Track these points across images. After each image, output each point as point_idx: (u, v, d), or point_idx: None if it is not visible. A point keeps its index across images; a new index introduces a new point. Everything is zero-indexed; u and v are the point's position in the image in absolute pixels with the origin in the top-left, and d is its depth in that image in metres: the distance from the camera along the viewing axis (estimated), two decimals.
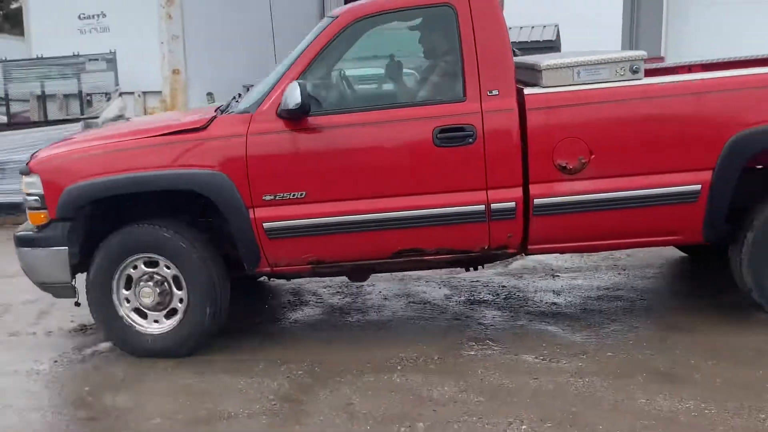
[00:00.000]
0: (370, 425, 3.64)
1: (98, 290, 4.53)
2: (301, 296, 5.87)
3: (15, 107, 11.56)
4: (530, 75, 4.54)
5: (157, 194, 4.50)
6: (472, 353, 4.44)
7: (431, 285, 5.98)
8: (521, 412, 3.67)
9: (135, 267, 4.52)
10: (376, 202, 4.35)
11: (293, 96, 4.15)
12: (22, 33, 15.97)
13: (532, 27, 26.09)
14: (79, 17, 11.97)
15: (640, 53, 4.43)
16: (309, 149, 4.35)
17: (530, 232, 4.38)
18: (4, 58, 11.82)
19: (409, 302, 5.57)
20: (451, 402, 3.82)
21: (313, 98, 4.31)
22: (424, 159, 4.32)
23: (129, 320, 4.56)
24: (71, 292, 4.63)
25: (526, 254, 4.70)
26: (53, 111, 11.32)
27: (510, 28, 4.40)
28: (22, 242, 4.66)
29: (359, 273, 4.87)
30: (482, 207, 4.31)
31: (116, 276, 4.53)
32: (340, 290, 5.96)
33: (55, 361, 4.72)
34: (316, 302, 5.72)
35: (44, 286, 4.71)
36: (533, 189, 4.31)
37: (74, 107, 11.35)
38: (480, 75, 4.31)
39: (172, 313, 4.53)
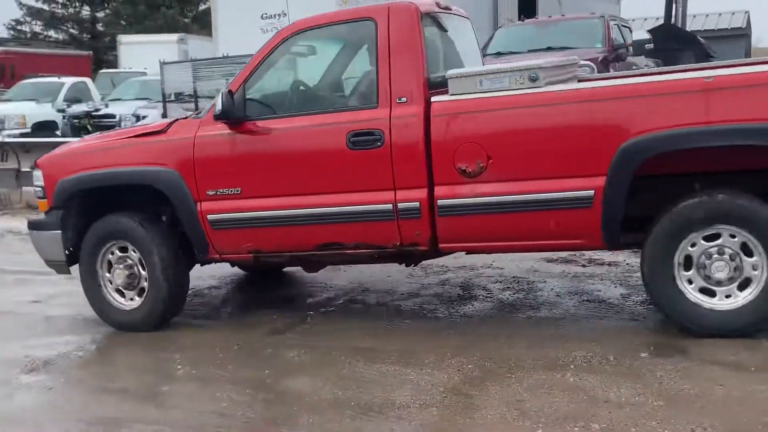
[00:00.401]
0: (542, 423, 3.56)
1: (86, 273, 5.31)
2: (470, 290, 5.86)
3: (203, 104, 12.47)
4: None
5: (131, 187, 5.23)
6: (650, 355, 4.25)
7: (606, 284, 5.79)
8: (704, 419, 3.46)
9: (112, 252, 5.24)
10: (300, 200, 4.83)
11: (218, 103, 4.74)
12: (209, 34, 17.24)
13: (720, 14, 24.62)
14: (262, 17, 12.60)
15: (567, 59, 4.86)
16: (243, 151, 4.93)
17: (438, 231, 4.62)
18: (193, 58, 12.67)
19: (583, 300, 5.43)
20: (628, 405, 3.67)
21: (254, 103, 4.91)
22: (340, 161, 4.72)
23: (111, 299, 5.30)
24: (66, 269, 5.44)
25: (439, 254, 4.92)
26: None
27: (694, 16, 4.39)
28: (31, 226, 5.57)
29: (304, 264, 5.36)
30: (390, 206, 4.64)
31: (98, 260, 5.26)
32: (510, 286, 5.90)
33: (238, 345, 4.97)
34: (486, 297, 5.69)
35: (48, 263, 5.51)
36: (437, 191, 4.57)
37: None
38: (391, 83, 4.63)
39: (142, 292, 5.21)
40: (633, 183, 4.26)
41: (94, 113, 16.76)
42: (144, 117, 15.10)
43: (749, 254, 4.19)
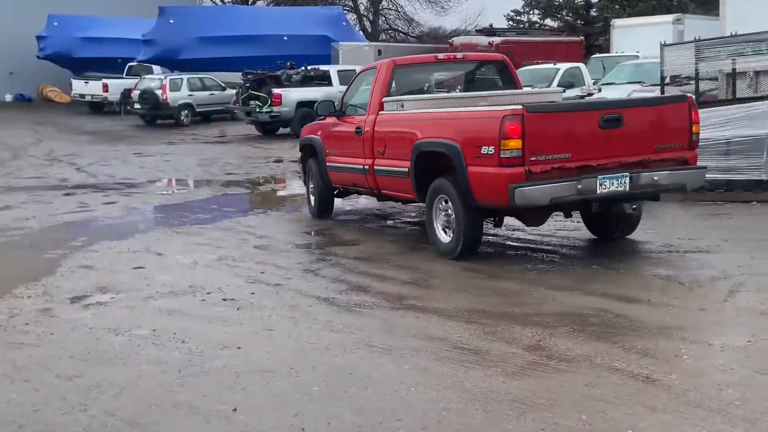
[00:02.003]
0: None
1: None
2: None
3: (703, 86, 12.09)
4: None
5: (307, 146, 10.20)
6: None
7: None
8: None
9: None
10: (341, 159, 9.24)
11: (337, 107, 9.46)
12: (708, 12, 16.69)
13: None
14: None
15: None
16: (335, 132, 9.53)
17: (377, 182, 8.57)
18: (696, 38, 12.07)
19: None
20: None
21: (347, 108, 9.35)
22: (352, 140, 8.80)
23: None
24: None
25: (383, 197, 8.96)
26: (742, 89, 11.56)
27: None
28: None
29: (348, 194, 10.15)
30: (364, 166, 8.63)
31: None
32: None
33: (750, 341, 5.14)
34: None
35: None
36: (375, 162, 8.47)
37: (766, 84, 11.45)
38: (370, 105, 8.62)
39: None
40: (418, 168, 7.67)
41: (586, 97, 16.36)
42: None
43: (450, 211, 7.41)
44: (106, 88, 30.23)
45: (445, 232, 7.47)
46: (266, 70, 23.62)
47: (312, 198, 9.96)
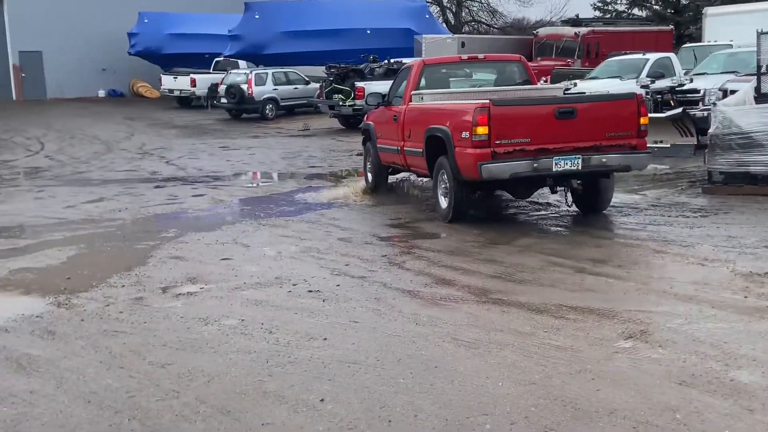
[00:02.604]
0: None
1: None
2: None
3: None
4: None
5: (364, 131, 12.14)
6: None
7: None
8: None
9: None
10: (384, 141, 10.99)
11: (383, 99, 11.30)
12: None
13: None
14: None
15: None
16: (382, 118, 11.21)
17: (406, 161, 10.25)
18: None
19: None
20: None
21: (392, 99, 10.92)
22: (391, 126, 10.48)
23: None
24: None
25: (418, 175, 10.79)
26: None
27: None
28: None
29: (400, 171, 11.49)
30: (399, 147, 10.28)
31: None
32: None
33: None
34: None
35: None
36: (405, 144, 10.09)
37: None
38: (404, 97, 10.25)
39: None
40: (429, 148, 9.26)
41: (677, 88, 16.68)
42: (733, 91, 13.96)
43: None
44: (193, 83, 30.97)
45: (444, 199, 9.10)
46: (349, 64, 23.79)
47: (369, 175, 11.65)
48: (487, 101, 8.16)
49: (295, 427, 4.05)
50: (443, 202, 9.06)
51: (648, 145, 8.80)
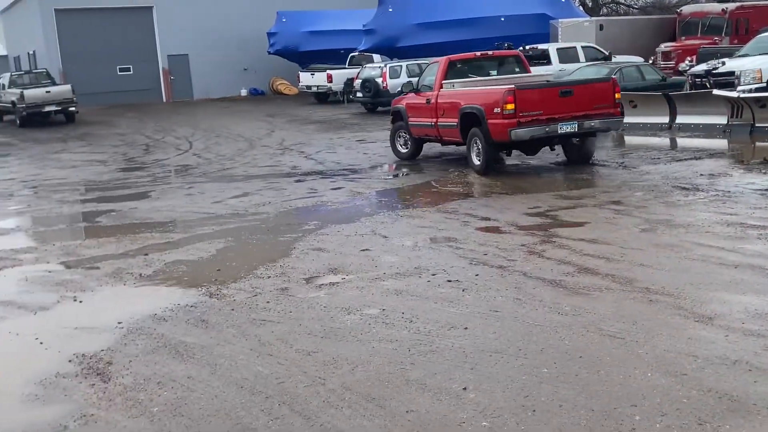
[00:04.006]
0: None
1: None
2: None
3: None
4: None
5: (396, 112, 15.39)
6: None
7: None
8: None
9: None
10: (419, 119, 14.09)
11: (415, 85, 14.67)
12: None
13: None
14: None
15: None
16: (413, 102, 14.46)
17: (440, 133, 13.52)
18: None
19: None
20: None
21: (421, 88, 14.33)
22: (425, 107, 13.72)
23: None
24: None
25: (445, 142, 14.10)
26: None
27: None
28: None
29: (430, 141, 14.57)
30: (432, 122, 13.58)
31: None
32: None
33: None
34: None
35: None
36: (438, 120, 13.37)
37: None
38: (435, 85, 13.63)
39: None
40: (463, 122, 12.48)
41: (713, 71, 16.66)
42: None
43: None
44: (330, 78, 31.62)
45: (477, 159, 12.33)
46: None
47: (399, 146, 15.02)
48: (513, 86, 11.57)
49: (439, 415, 4.07)
50: (476, 160, 12.36)
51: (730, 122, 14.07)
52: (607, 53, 23.68)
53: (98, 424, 4.28)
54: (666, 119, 16.29)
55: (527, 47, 23.40)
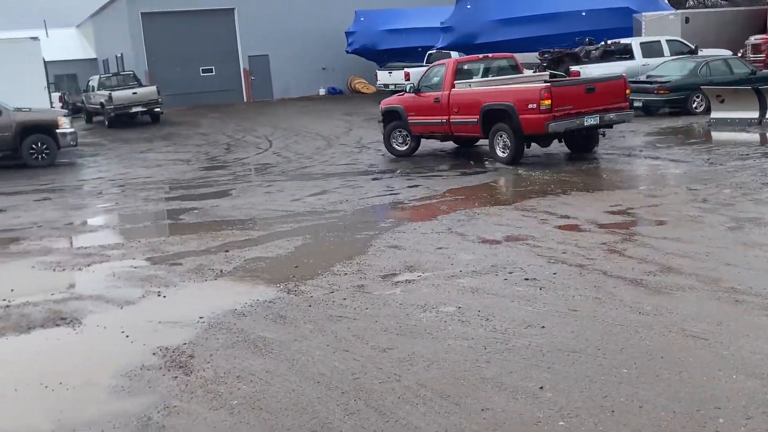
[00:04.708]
0: None
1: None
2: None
3: None
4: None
5: (393, 112, 16.06)
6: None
7: None
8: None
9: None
10: (425, 118, 14.90)
11: (412, 88, 15.38)
12: None
13: None
14: None
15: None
16: (414, 102, 15.21)
17: (451, 129, 14.46)
18: None
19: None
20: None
21: (421, 88, 15.19)
22: (433, 106, 14.59)
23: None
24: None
25: (457, 139, 15.29)
26: None
27: None
28: (380, 120, 16.45)
29: (433, 137, 15.59)
30: (442, 119, 14.48)
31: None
32: None
33: None
34: None
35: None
36: (451, 118, 14.29)
37: None
38: (444, 85, 14.46)
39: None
40: (485, 119, 13.51)
41: None
42: None
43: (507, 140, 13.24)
44: (407, 76, 31.59)
45: (502, 151, 13.40)
46: (564, 48, 23.24)
47: (395, 145, 15.78)
48: (549, 84, 13.03)
49: (515, 414, 4.04)
50: (501, 153, 13.45)
51: None
52: (693, 47, 22.99)
53: (180, 416, 4.40)
54: (755, 114, 15.72)
55: (609, 42, 22.92)
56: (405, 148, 15.71)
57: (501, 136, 13.28)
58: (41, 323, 6.35)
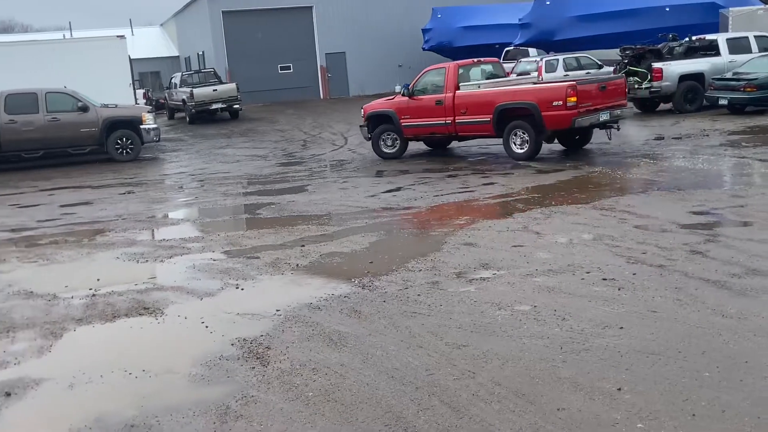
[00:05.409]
0: None
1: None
2: None
3: None
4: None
5: (383, 116, 16.50)
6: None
7: None
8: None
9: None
10: (421, 120, 15.53)
11: (405, 91, 15.90)
12: None
13: None
14: None
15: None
16: (408, 105, 15.80)
17: (456, 129, 15.10)
18: None
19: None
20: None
21: (414, 91, 15.75)
22: (433, 108, 15.22)
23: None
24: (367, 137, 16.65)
25: (460, 138, 15.61)
26: None
27: None
28: (361, 125, 16.99)
29: (427, 139, 16.80)
30: (447, 121, 15.08)
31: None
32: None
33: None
34: None
35: (365, 139, 16.90)
36: (457, 118, 14.91)
37: None
38: (447, 87, 15.06)
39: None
40: (499, 118, 14.24)
41: None
42: None
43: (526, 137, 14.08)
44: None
45: (520, 148, 14.16)
46: (646, 45, 22.69)
47: (384, 148, 16.33)
48: (574, 82, 13.63)
49: (591, 415, 3.98)
50: (518, 149, 14.21)
51: None
52: None
53: (257, 405, 4.49)
54: None
55: (693, 38, 22.28)
56: (394, 150, 16.22)
57: (517, 134, 14.09)
58: (125, 312, 6.56)
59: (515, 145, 14.22)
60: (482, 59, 16.74)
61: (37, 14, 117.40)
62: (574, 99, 13.19)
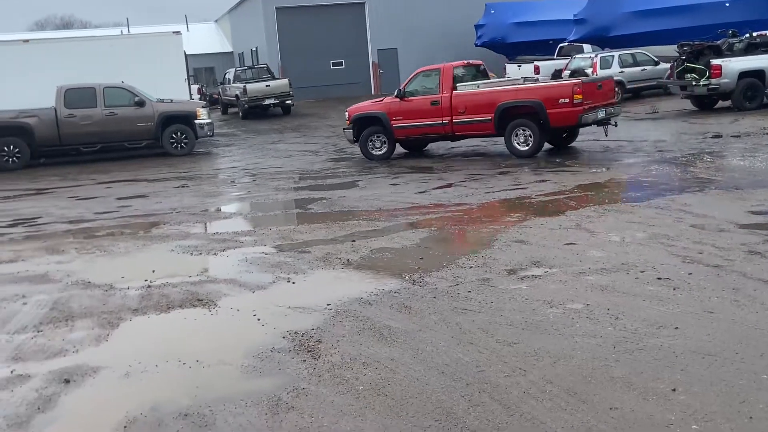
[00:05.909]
0: None
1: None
2: None
3: None
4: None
5: (373, 117, 16.49)
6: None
7: None
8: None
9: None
10: (415, 121, 15.81)
11: (397, 93, 16.29)
12: None
13: None
14: None
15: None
16: (400, 107, 16.02)
17: (453, 128, 15.38)
18: None
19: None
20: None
21: (406, 93, 16.00)
22: (428, 109, 15.55)
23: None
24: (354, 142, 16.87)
25: (455, 138, 15.96)
26: None
27: None
28: (345, 128, 17.07)
29: (419, 141, 16.96)
30: (444, 121, 15.44)
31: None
32: None
33: None
34: None
35: (350, 141, 17.06)
36: (454, 118, 15.29)
37: None
38: (443, 88, 15.46)
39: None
40: (500, 116, 14.69)
41: None
42: None
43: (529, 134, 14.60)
44: (537, 70, 31.12)
45: (523, 145, 14.54)
46: (704, 41, 22.22)
47: (372, 150, 16.38)
48: (580, 80, 14.35)
49: (645, 415, 3.92)
50: (522, 147, 14.59)
51: None
52: None
53: (308, 398, 4.53)
54: None
55: (754, 34, 21.75)
56: (383, 152, 16.36)
57: (518, 133, 14.59)
58: (179, 304, 6.67)
59: (518, 142, 14.61)
60: (471, 61, 17.05)
61: (95, 11, 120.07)
62: (580, 96, 13.82)
